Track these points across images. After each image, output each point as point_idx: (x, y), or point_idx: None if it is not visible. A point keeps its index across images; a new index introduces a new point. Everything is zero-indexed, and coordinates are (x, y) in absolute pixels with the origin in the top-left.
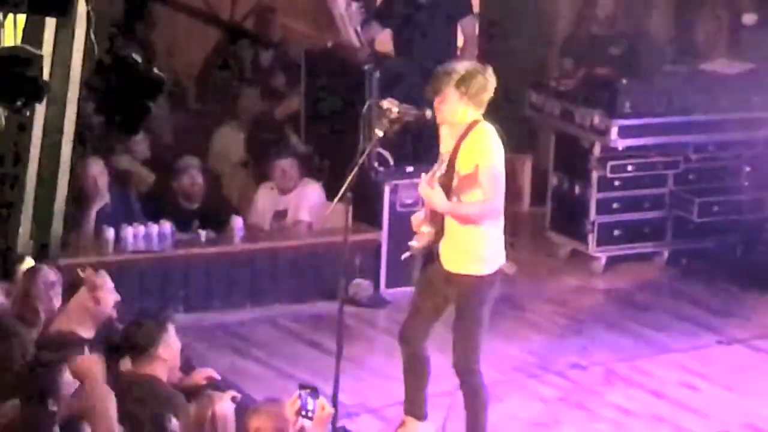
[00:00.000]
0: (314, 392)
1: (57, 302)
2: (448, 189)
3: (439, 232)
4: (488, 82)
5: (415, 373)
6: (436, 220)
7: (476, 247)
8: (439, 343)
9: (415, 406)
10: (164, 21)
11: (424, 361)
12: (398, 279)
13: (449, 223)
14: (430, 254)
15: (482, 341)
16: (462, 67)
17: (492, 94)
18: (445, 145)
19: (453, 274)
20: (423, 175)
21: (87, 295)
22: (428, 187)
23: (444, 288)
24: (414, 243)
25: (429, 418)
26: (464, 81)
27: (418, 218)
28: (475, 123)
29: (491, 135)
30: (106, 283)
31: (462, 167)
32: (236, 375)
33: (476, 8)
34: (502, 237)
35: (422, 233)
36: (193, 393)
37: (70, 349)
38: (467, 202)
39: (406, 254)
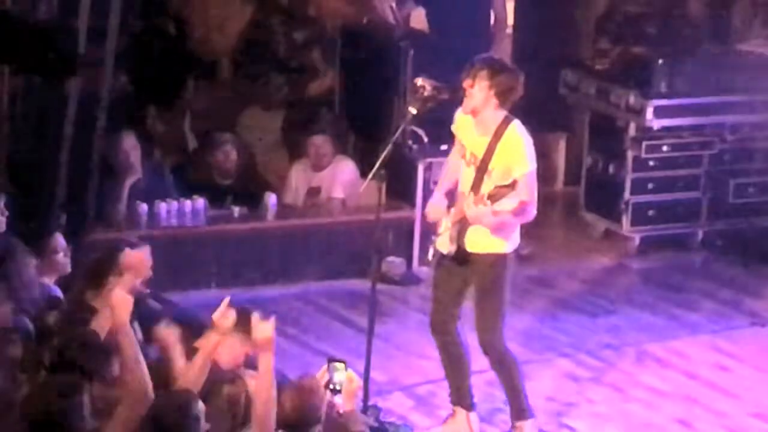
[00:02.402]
0: (342, 365)
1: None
2: (477, 187)
3: (463, 232)
4: (519, 84)
5: (454, 361)
6: (464, 222)
7: (499, 228)
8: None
9: (461, 396)
10: None
11: (461, 348)
12: None
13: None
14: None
15: (504, 319)
16: (499, 62)
17: (518, 98)
18: (471, 141)
19: (475, 254)
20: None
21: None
22: (474, 209)
23: (462, 271)
24: (441, 248)
25: (477, 408)
26: (497, 75)
27: (437, 211)
28: (506, 123)
29: (525, 139)
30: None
31: (496, 169)
32: None
33: None
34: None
35: (447, 235)
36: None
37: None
38: (508, 211)
39: (433, 256)
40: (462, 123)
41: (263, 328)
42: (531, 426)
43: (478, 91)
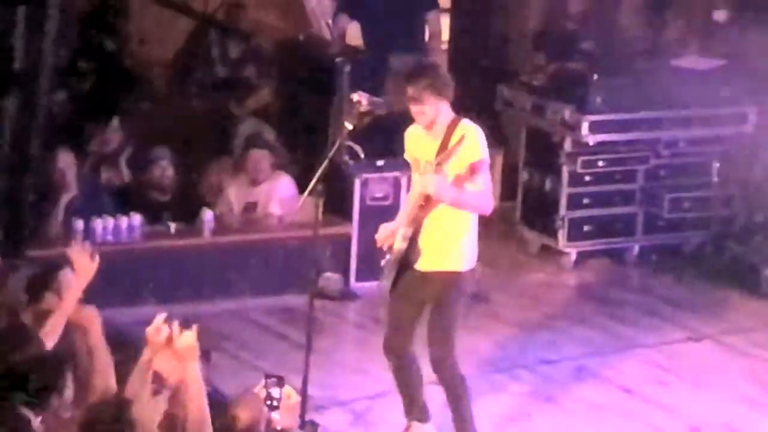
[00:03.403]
0: (280, 381)
1: None
2: None
3: (415, 236)
4: (448, 75)
5: (408, 380)
6: (418, 221)
7: (455, 246)
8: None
9: (416, 410)
10: (136, 11)
11: (413, 368)
12: (368, 273)
13: (428, 224)
14: (405, 262)
15: (456, 337)
16: (428, 68)
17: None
18: (425, 150)
19: (430, 273)
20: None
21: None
22: (432, 177)
23: (419, 291)
24: (394, 255)
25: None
26: (437, 81)
27: (387, 229)
28: (455, 123)
29: (478, 133)
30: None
31: (453, 170)
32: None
33: (445, 3)
34: (476, 237)
35: (401, 235)
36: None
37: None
38: (470, 191)
39: (386, 272)
40: (414, 141)
41: (185, 337)
42: None
43: (430, 108)
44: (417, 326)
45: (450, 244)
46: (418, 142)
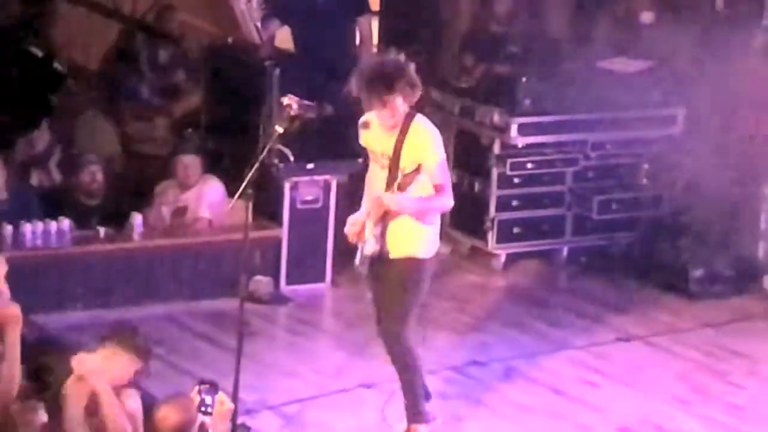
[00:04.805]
0: (213, 388)
1: None
2: (391, 184)
3: (385, 232)
4: (416, 77)
5: (407, 371)
6: (386, 221)
7: (418, 234)
8: None
9: (416, 412)
10: (64, 15)
11: (412, 354)
12: (298, 276)
13: (393, 218)
14: (378, 256)
15: (413, 316)
16: (396, 70)
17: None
18: (380, 143)
19: (395, 259)
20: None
21: None
22: (391, 196)
23: (387, 273)
24: (367, 251)
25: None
26: (409, 85)
27: (356, 223)
28: (410, 117)
29: (431, 131)
30: None
31: (407, 165)
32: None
33: (374, 6)
34: (439, 224)
35: (369, 239)
36: None
37: None
38: (430, 197)
39: (360, 262)
40: (370, 132)
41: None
42: (425, 431)
43: (397, 107)
44: None
45: (413, 232)
46: (374, 134)
